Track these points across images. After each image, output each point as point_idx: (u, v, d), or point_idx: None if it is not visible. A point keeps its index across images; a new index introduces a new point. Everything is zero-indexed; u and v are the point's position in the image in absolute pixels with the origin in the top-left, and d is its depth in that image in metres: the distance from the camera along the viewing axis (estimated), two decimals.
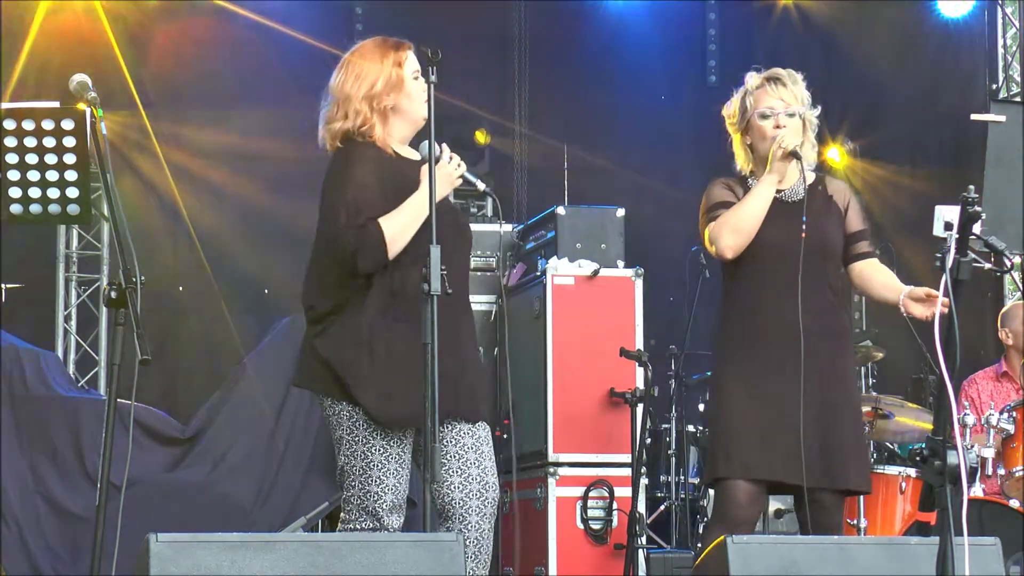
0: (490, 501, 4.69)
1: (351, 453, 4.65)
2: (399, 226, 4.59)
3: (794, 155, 5.14)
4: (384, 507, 4.61)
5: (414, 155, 4.80)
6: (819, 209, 5.24)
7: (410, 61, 4.78)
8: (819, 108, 5.35)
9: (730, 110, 5.32)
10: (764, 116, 5.23)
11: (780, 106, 5.22)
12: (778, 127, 5.19)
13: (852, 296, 5.45)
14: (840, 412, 5.15)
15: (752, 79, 5.29)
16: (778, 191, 5.21)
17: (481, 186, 4.65)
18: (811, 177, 5.25)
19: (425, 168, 4.60)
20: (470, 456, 4.69)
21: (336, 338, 4.65)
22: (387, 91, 4.73)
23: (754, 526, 5.19)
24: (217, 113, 9.86)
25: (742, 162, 5.32)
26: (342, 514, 4.71)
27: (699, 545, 5.19)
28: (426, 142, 4.61)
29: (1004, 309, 8.24)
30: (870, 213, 10.68)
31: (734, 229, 5.12)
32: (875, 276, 5.32)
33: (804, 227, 5.10)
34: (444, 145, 4.70)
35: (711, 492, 7.86)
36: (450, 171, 4.65)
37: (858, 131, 10.66)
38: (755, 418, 5.09)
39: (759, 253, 5.15)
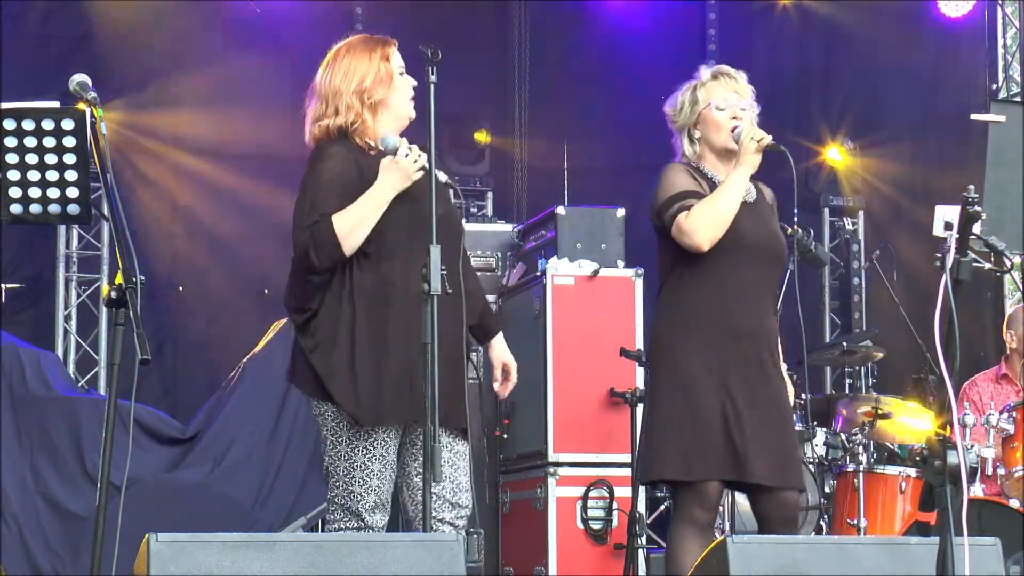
0: (462, 515, 4.72)
1: (335, 454, 4.67)
2: (352, 222, 4.61)
3: (772, 147, 5.14)
4: (367, 507, 4.62)
5: None
6: (767, 211, 5.28)
7: (395, 57, 4.80)
8: (759, 108, 5.35)
9: (675, 105, 5.31)
10: (720, 108, 5.23)
11: (735, 99, 5.23)
12: (735, 118, 5.19)
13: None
14: (786, 412, 5.18)
15: (705, 72, 5.31)
16: None
17: (443, 178, 4.66)
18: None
19: (384, 161, 4.63)
20: (444, 469, 4.70)
21: (315, 339, 4.69)
22: (376, 86, 4.75)
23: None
24: (218, 113, 9.87)
25: (690, 156, 5.30)
26: (327, 515, 4.73)
27: (669, 547, 5.12)
28: (388, 136, 4.64)
29: (1010, 312, 8.21)
30: (870, 212, 10.80)
31: (714, 222, 5.07)
32: None
33: (795, 225, 5.11)
34: (403, 139, 4.69)
35: None
36: (406, 166, 4.62)
37: (858, 131, 10.66)
38: (720, 418, 5.06)
39: (719, 250, 5.11)
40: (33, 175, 4.47)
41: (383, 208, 4.62)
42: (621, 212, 7.52)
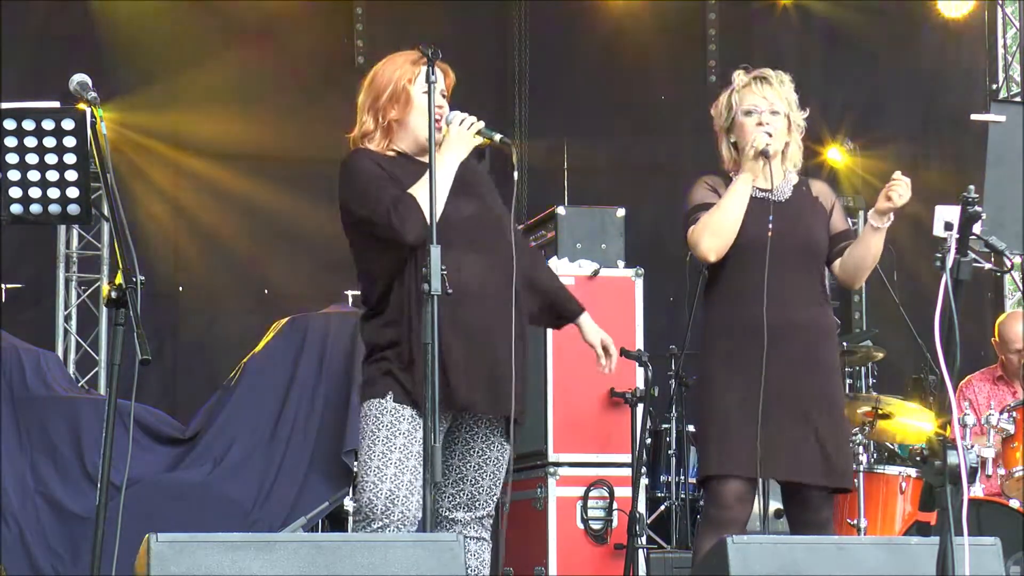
0: (481, 515, 4.77)
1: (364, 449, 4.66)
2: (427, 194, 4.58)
3: (763, 154, 5.14)
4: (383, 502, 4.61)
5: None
6: (805, 208, 5.27)
7: (424, 76, 4.67)
8: (807, 111, 5.35)
9: (717, 108, 5.33)
10: (748, 113, 5.23)
11: (763, 104, 5.22)
12: (760, 124, 5.19)
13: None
14: (828, 408, 5.15)
15: (739, 77, 5.30)
16: (766, 190, 5.21)
17: (498, 137, 4.72)
18: (795, 178, 5.31)
19: (441, 135, 4.64)
20: (469, 471, 4.70)
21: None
22: (391, 103, 4.70)
23: (745, 526, 5.18)
24: (218, 112, 9.87)
25: (727, 161, 5.33)
26: (354, 515, 4.72)
27: (691, 547, 5.17)
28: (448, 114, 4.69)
29: (1011, 328, 8.02)
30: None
31: (713, 232, 5.13)
32: (851, 248, 5.28)
33: (770, 225, 5.10)
34: (455, 112, 4.72)
35: None
36: (462, 132, 4.65)
37: (858, 131, 10.66)
38: (746, 415, 5.07)
39: (743, 250, 5.13)
40: (33, 175, 4.48)
41: (451, 180, 4.60)
42: (621, 212, 7.51)
